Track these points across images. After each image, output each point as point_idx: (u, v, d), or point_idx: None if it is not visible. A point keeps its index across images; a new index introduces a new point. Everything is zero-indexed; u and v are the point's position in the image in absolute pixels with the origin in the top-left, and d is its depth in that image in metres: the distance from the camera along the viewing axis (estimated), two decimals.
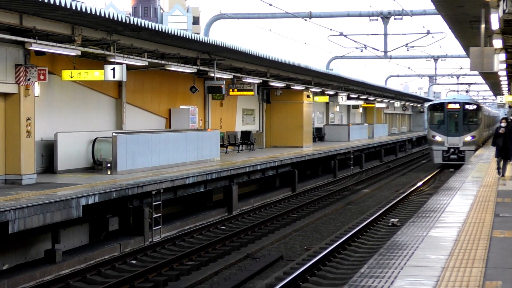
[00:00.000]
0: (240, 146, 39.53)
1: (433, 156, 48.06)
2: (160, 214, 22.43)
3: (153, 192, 22.04)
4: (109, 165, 24.43)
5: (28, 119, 21.09)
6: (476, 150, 46.64)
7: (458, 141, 47.12)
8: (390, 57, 54.09)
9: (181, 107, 33.44)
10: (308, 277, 16.66)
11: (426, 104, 62.73)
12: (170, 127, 32.62)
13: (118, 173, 24.09)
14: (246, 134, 40.17)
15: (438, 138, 47.34)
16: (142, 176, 23.63)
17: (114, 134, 24.58)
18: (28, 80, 20.95)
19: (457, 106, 48.00)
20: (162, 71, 30.17)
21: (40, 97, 22.92)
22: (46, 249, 18.32)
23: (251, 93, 36.97)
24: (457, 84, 76.10)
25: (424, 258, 10.82)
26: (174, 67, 28.60)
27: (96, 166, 25.55)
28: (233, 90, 36.39)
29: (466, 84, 79.99)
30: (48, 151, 24.10)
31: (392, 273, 9.68)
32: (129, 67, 25.66)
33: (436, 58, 64.06)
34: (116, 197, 19.98)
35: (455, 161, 46.54)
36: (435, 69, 67.70)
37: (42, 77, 21.44)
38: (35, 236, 18.33)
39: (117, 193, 19.97)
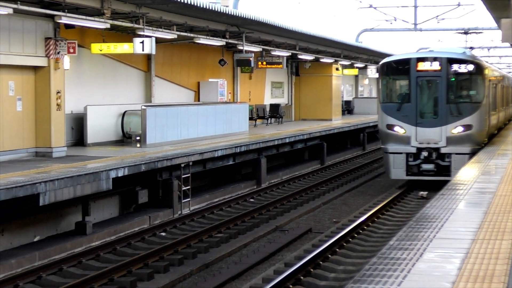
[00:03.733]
0: (269, 119, 39.49)
1: (389, 164, 25.62)
2: (189, 187, 22.51)
3: (182, 165, 22.11)
4: (138, 138, 24.53)
5: (58, 92, 21.20)
6: (473, 153, 24.44)
7: (438, 136, 25.12)
8: (420, 30, 53.60)
9: (210, 80, 33.44)
10: (337, 250, 16.67)
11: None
12: (199, 100, 32.65)
13: (147, 146, 24.19)
14: (275, 107, 40.11)
15: (399, 129, 25.41)
16: (171, 149, 23.71)
17: (143, 107, 24.67)
18: (58, 53, 21.04)
19: (436, 66, 25.27)
20: (191, 44, 30.15)
21: (69, 70, 23.01)
22: (76, 221, 18.48)
23: (280, 66, 36.87)
24: (488, 56, 75.36)
25: (454, 230, 10.78)
26: (203, 40, 28.57)
27: (125, 139, 25.67)
28: (262, 63, 36.31)
29: (498, 56, 79.19)
30: (78, 124, 24.24)
31: (422, 246, 9.65)
32: (158, 40, 25.66)
33: (466, 31, 63.40)
34: (146, 170, 20.08)
35: (430, 175, 25.42)
36: (465, 41, 67.03)
37: (71, 50, 21.52)
38: (66, 208, 18.49)
39: (147, 166, 20.07)
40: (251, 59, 32.27)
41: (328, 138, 36.56)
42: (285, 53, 36.95)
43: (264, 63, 36.39)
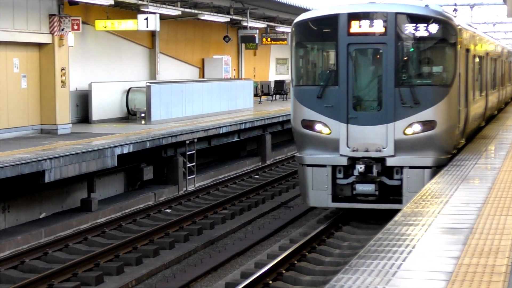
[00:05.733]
0: (274, 95, 39.44)
1: (306, 184, 16.31)
2: (194, 164, 22.53)
3: (187, 142, 22.12)
4: (143, 115, 24.54)
5: (63, 69, 21.18)
6: (438, 166, 15.56)
7: (382, 139, 15.92)
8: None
9: (214, 56, 33.39)
10: (342, 226, 16.68)
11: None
12: (203, 77, 32.62)
13: (152, 122, 24.19)
14: (279, 84, 40.06)
15: (321, 128, 16.20)
16: (176, 125, 23.71)
17: (148, 84, 24.65)
18: (62, 30, 21.02)
19: (379, 26, 15.89)
20: (195, 20, 30.08)
21: (74, 47, 22.99)
22: (82, 198, 18.53)
23: (285, 42, 36.81)
24: (493, 32, 75.13)
25: (458, 206, 10.78)
26: (207, 17, 28.51)
27: (130, 116, 25.70)
28: (266, 40, 36.26)
29: (503, 32, 78.95)
30: (83, 101, 24.25)
31: (426, 221, 9.66)
32: (162, 17, 25.60)
33: (472, 6, 63.12)
34: (151, 147, 20.10)
35: (370, 202, 16.20)
36: (471, 16, 66.75)
37: (76, 27, 21.49)
38: (71, 185, 18.53)
39: (151, 143, 20.08)
40: (255, 35, 32.22)
41: None
42: (289, 29, 36.84)
43: (269, 39, 36.33)
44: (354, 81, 16.06)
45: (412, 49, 16.29)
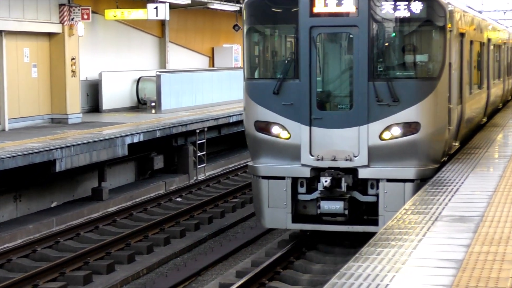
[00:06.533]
0: None
1: (261, 200, 13.31)
2: (204, 153, 22.55)
3: (197, 131, 22.14)
4: (153, 104, 24.57)
5: (73, 58, 21.22)
6: (423, 179, 12.54)
7: (353, 145, 12.84)
8: None
9: (224, 45, 33.35)
10: None
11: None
12: (213, 66, 32.60)
13: (162, 112, 24.22)
14: None
15: (279, 132, 13.20)
16: (186, 115, 23.73)
17: (158, 73, 24.66)
18: (72, 19, 21.05)
19: (348, 4, 12.62)
20: (205, 9, 30.04)
21: (84, 37, 23.00)
22: (93, 187, 18.58)
23: None
24: (504, 19, 74.71)
25: (469, 194, 10.77)
26: (216, 5, 28.47)
27: (140, 105, 25.73)
28: None
29: None
30: (93, 90, 24.29)
31: (437, 209, 9.66)
32: (172, 6, 25.58)
33: None
34: (161, 136, 20.13)
35: (338, 223, 13.01)
36: (481, 4, 66.45)
37: (85, 17, 21.52)
38: (82, 174, 18.58)
39: (162, 132, 20.11)
40: None
41: None
42: None
43: None
44: (319, 74, 13.25)
45: (391, 34, 13.20)
